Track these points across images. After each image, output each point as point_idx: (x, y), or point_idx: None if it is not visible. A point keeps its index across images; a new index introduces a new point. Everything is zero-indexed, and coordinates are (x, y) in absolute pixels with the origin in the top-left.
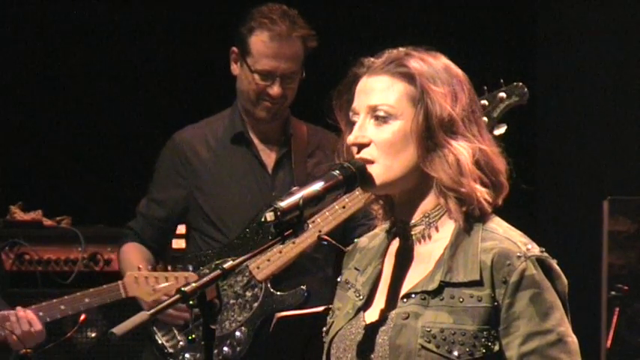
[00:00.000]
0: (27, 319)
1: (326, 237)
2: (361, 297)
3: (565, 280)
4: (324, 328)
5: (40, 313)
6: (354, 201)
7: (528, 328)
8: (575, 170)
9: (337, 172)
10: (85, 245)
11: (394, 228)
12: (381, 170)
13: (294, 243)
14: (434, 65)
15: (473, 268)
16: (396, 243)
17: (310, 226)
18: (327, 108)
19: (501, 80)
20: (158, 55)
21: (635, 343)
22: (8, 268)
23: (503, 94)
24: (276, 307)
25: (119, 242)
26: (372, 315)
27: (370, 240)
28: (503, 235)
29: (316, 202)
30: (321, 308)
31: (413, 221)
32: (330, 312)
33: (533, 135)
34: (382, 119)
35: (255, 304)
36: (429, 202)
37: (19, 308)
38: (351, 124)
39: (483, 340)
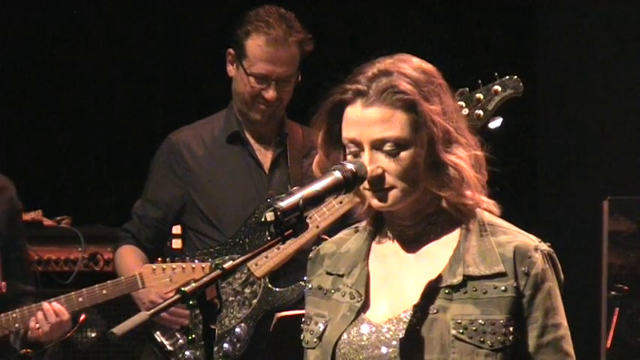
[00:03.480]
0: (54, 310)
1: (326, 237)
2: (358, 299)
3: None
4: (309, 337)
5: None
6: (350, 196)
7: (545, 320)
8: (575, 170)
9: (337, 172)
10: (85, 245)
11: (375, 229)
12: (401, 194)
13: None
14: (416, 76)
15: (493, 261)
16: (382, 245)
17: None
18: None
19: (496, 74)
20: (156, 56)
21: (635, 343)
22: None
23: (497, 87)
24: (275, 303)
25: (115, 245)
26: (378, 314)
27: (339, 245)
28: (511, 228)
29: (316, 202)
30: None
31: (413, 223)
32: (306, 319)
33: (533, 135)
34: (392, 151)
35: (255, 301)
36: (430, 206)
37: (43, 302)
38: (340, 148)
39: (511, 329)
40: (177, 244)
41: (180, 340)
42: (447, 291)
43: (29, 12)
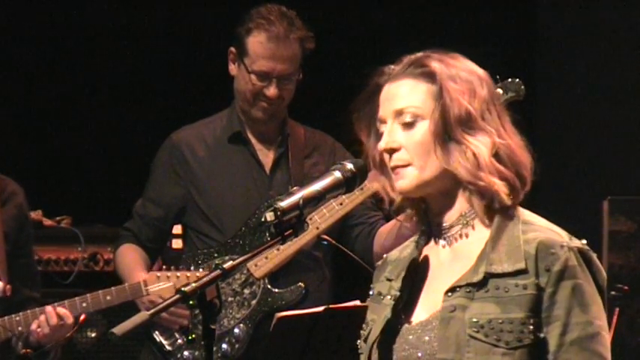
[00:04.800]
0: (57, 314)
1: (326, 237)
2: (398, 300)
3: (605, 275)
4: (361, 340)
5: None
6: (351, 198)
7: (569, 318)
8: (575, 170)
9: (338, 172)
10: (85, 245)
11: (424, 234)
12: (417, 171)
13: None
14: (453, 65)
15: (517, 258)
16: (428, 248)
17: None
18: (347, 121)
19: (497, 77)
20: (157, 56)
21: (635, 343)
22: None
23: (499, 90)
24: (274, 304)
25: (116, 244)
26: (413, 316)
27: (401, 252)
28: (545, 226)
29: (316, 202)
30: (321, 308)
31: (449, 222)
32: (365, 325)
33: (533, 135)
34: (410, 121)
35: (254, 302)
36: (463, 203)
37: (47, 306)
38: (377, 135)
39: (531, 327)
40: (177, 243)
41: (179, 340)
42: (468, 290)
43: (30, 13)
